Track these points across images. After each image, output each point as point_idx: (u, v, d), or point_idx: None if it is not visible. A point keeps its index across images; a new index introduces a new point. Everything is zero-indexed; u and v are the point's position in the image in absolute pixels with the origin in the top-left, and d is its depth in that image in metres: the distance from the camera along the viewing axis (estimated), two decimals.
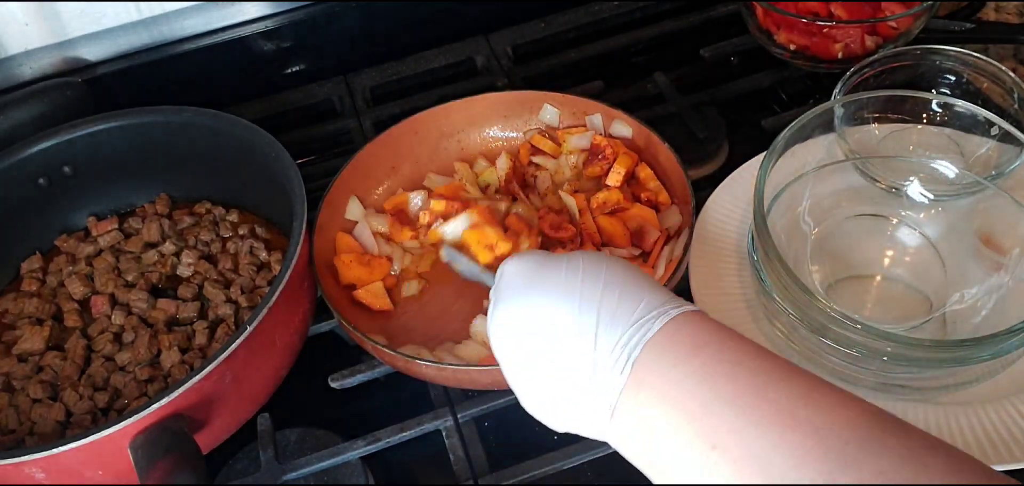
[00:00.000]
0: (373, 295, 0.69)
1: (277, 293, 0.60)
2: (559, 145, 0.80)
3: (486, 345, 0.65)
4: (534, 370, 0.49)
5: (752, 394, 0.41)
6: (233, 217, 0.77)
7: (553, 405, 0.49)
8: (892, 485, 0.36)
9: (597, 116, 0.79)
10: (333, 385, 0.68)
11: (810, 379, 0.42)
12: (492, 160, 0.80)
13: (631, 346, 0.45)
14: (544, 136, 0.80)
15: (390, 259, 0.73)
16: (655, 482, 0.45)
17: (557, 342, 0.47)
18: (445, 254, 0.66)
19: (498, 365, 0.52)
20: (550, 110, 0.81)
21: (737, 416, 0.41)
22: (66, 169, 0.76)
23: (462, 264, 0.64)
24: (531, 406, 0.51)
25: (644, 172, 0.76)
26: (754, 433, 0.40)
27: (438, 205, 0.74)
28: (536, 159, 0.80)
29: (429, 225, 0.74)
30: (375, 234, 0.74)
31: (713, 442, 0.40)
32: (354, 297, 0.70)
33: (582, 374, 0.46)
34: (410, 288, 0.72)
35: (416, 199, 0.77)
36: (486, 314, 0.56)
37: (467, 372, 0.62)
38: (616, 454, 0.63)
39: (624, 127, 0.78)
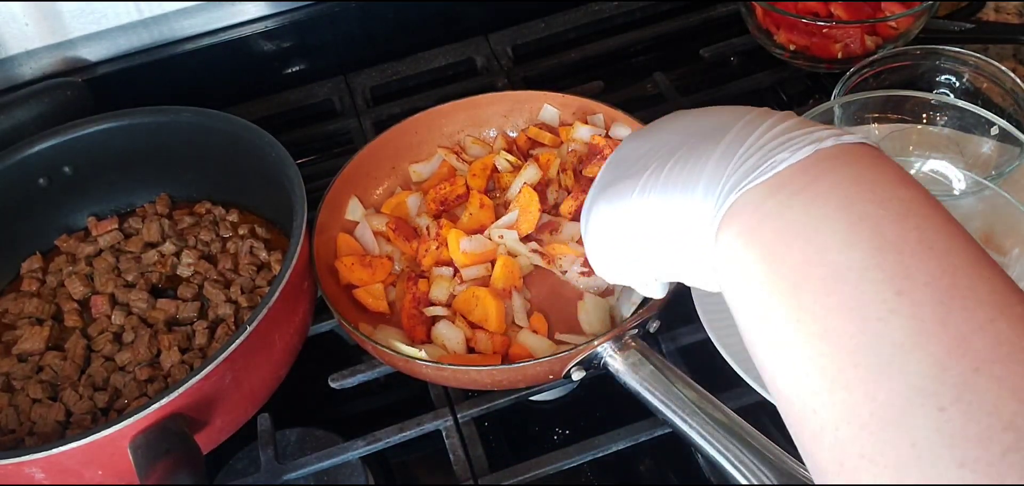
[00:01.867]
0: (372, 296, 0.69)
1: (277, 293, 0.60)
2: (559, 139, 0.79)
3: (444, 346, 0.66)
4: (646, 182, 0.41)
5: (968, 260, 0.32)
6: (233, 217, 0.77)
7: (659, 226, 0.41)
8: None
9: (599, 116, 0.79)
10: (333, 385, 0.68)
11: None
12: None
13: (815, 134, 0.36)
14: (543, 129, 0.80)
15: (391, 258, 0.73)
16: (759, 310, 0.35)
17: (685, 144, 0.40)
18: None
19: (499, 367, 0.50)
20: (550, 110, 0.81)
21: (940, 267, 0.32)
22: (66, 169, 0.76)
23: None
24: (620, 254, 0.44)
25: None
26: (961, 305, 0.31)
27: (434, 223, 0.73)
28: (534, 152, 0.79)
29: (433, 241, 0.72)
30: (376, 234, 0.74)
31: (899, 287, 0.31)
32: (353, 296, 0.70)
33: (718, 152, 0.38)
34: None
35: (413, 201, 0.77)
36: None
37: (467, 372, 0.62)
38: (616, 455, 0.63)
39: (624, 128, 0.78)
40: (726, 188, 0.37)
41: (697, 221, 0.39)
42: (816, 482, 0.34)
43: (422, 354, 0.62)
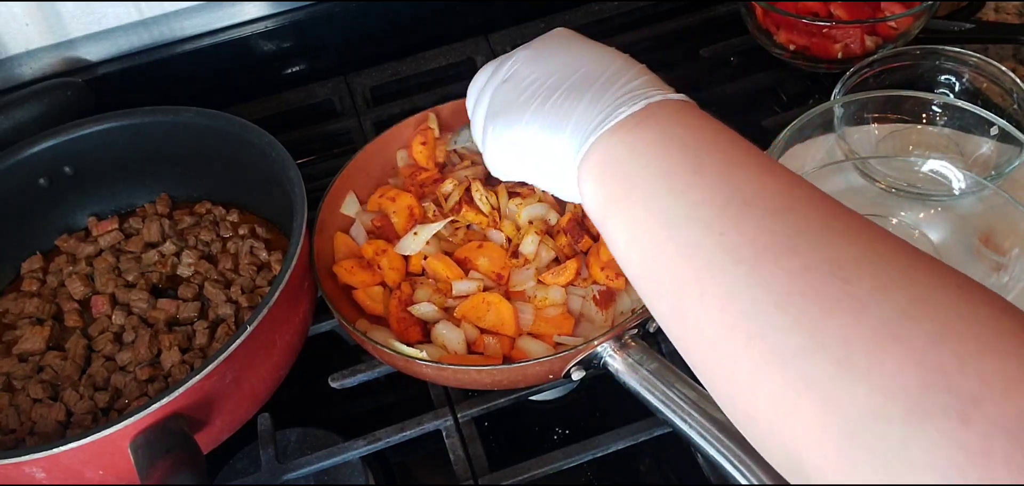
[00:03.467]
0: (371, 299, 0.69)
1: (277, 293, 0.60)
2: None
3: (444, 346, 0.65)
4: (522, 113, 0.54)
5: (745, 152, 0.46)
6: (233, 217, 0.77)
7: (532, 147, 0.53)
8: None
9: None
10: (333, 385, 0.68)
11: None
12: None
13: (648, 91, 0.49)
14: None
15: (379, 266, 0.73)
16: (608, 221, 0.48)
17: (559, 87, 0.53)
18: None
19: (499, 366, 0.52)
20: None
21: (729, 159, 0.45)
22: (67, 169, 0.76)
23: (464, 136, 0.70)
24: (508, 155, 0.56)
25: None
26: (741, 172, 0.44)
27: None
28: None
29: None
30: (369, 232, 0.74)
31: (694, 167, 0.44)
32: (353, 297, 0.70)
33: (590, 90, 0.51)
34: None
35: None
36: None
37: (467, 372, 0.62)
38: (616, 455, 0.63)
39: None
40: (584, 135, 0.50)
41: (565, 157, 0.51)
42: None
43: (422, 354, 0.62)
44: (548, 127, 0.52)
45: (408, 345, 0.64)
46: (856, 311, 0.36)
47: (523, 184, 0.71)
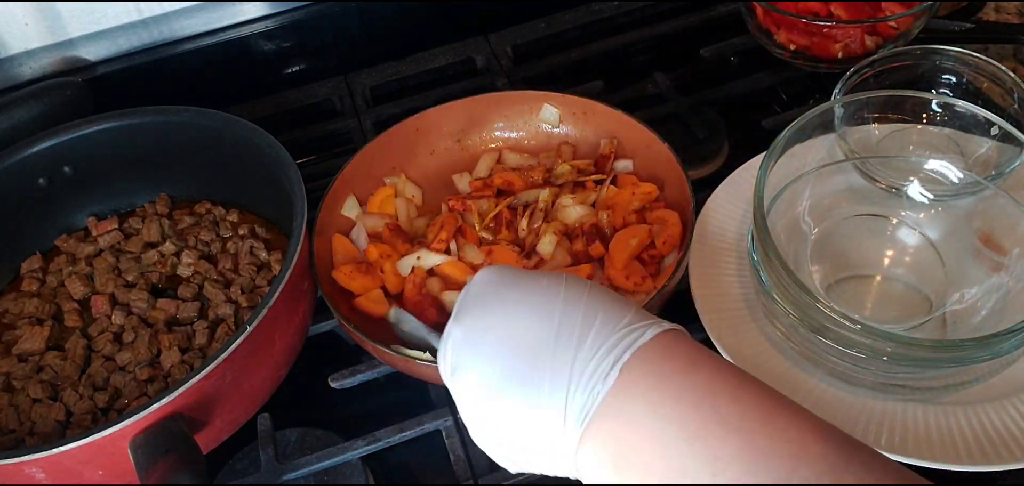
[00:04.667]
0: (373, 302, 0.69)
1: (277, 293, 0.60)
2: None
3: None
4: (499, 388, 0.45)
5: (760, 421, 0.38)
6: (233, 217, 0.77)
7: (517, 429, 0.44)
8: None
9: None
10: (333, 385, 0.68)
11: (812, 417, 0.39)
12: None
13: (619, 350, 0.42)
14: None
15: (381, 269, 0.73)
16: None
17: (531, 354, 0.43)
18: (392, 316, 0.65)
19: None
20: (550, 110, 0.81)
21: (743, 444, 0.38)
22: (66, 169, 0.76)
23: (409, 325, 0.63)
24: (487, 436, 0.47)
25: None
26: (763, 465, 0.37)
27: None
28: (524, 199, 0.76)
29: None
30: (370, 234, 0.74)
31: (714, 469, 0.37)
32: (354, 305, 0.69)
33: (558, 382, 0.42)
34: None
35: (401, 205, 0.77)
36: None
37: None
38: None
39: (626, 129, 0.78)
40: (571, 426, 0.42)
41: (562, 450, 0.43)
42: None
43: (425, 355, 0.62)
44: (525, 431, 0.44)
45: (425, 328, 0.63)
46: None
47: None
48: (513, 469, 0.47)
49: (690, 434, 0.38)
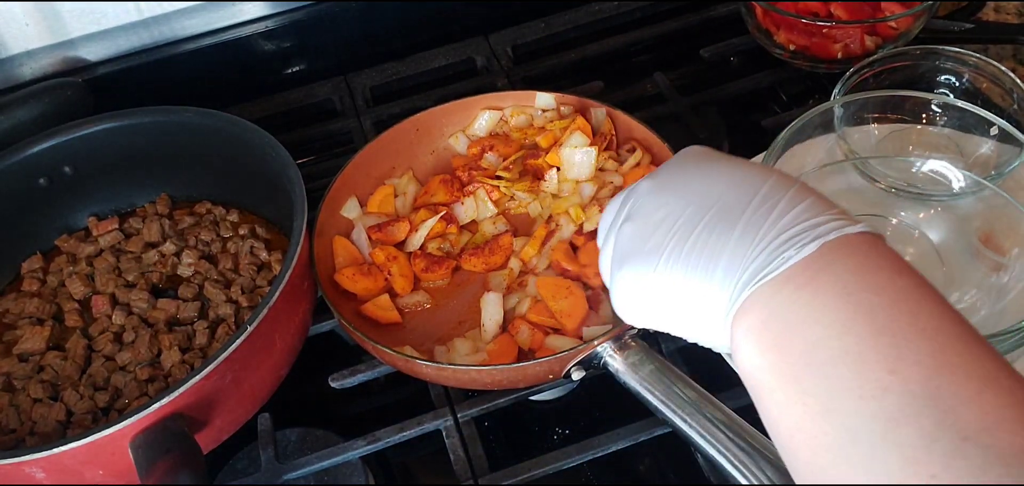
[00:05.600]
0: (381, 308, 0.69)
1: (277, 293, 0.60)
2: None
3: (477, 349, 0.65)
4: (685, 226, 0.44)
5: (956, 338, 0.35)
6: (233, 217, 0.77)
7: (687, 277, 0.43)
8: None
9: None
10: (333, 385, 0.68)
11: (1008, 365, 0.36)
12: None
13: (825, 229, 0.39)
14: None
15: (387, 272, 0.72)
16: (771, 396, 0.38)
17: (728, 208, 0.42)
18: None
19: (499, 366, 0.50)
20: (544, 97, 0.80)
21: (934, 352, 0.34)
22: (66, 169, 0.76)
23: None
24: (644, 284, 0.45)
25: None
26: (947, 378, 0.33)
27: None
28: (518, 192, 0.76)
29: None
30: (370, 232, 0.74)
31: (893, 365, 0.34)
32: (361, 311, 0.69)
33: (747, 236, 0.40)
34: (416, 296, 0.72)
35: (400, 203, 0.77)
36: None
37: (467, 372, 0.62)
38: (616, 454, 0.63)
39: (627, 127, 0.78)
40: (740, 284, 0.40)
41: (714, 308, 0.42)
42: None
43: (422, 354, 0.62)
44: (691, 272, 0.43)
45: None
46: None
47: None
48: (653, 326, 0.47)
49: (878, 327, 0.36)
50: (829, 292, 0.37)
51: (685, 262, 0.43)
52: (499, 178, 0.75)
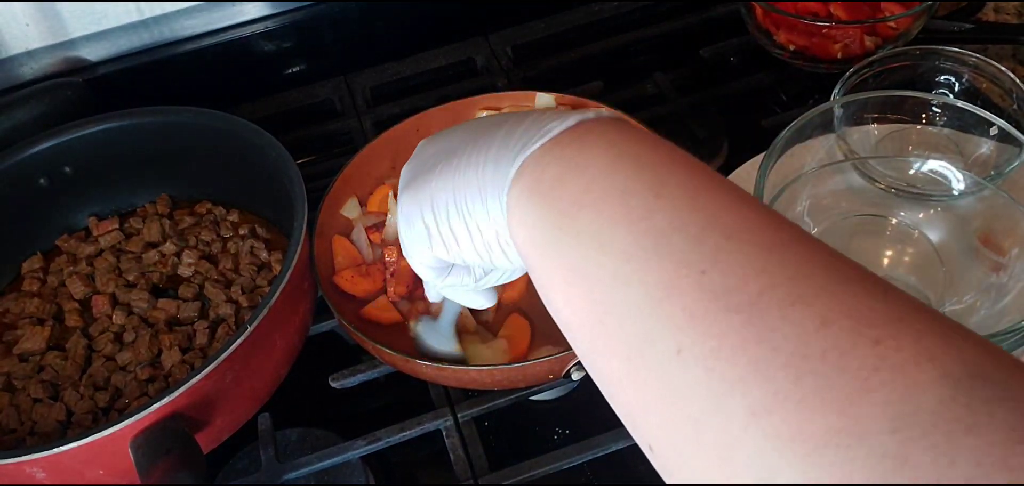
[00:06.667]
0: (382, 310, 0.69)
1: (277, 293, 0.60)
2: None
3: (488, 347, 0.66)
4: (449, 151, 0.48)
5: (711, 175, 0.38)
6: (234, 217, 0.77)
7: (458, 191, 0.46)
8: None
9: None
10: (333, 385, 0.68)
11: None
12: None
13: (580, 114, 0.42)
14: None
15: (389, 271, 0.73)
16: (548, 251, 0.40)
17: (487, 128, 0.46)
18: (417, 328, 0.67)
19: (499, 366, 0.51)
20: (544, 97, 0.80)
21: (688, 174, 0.38)
22: (67, 169, 0.76)
23: (433, 337, 0.66)
24: (423, 222, 0.48)
25: None
26: (710, 198, 0.36)
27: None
28: None
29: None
30: (370, 232, 0.74)
31: (657, 191, 0.37)
32: (362, 314, 0.69)
33: (510, 139, 0.43)
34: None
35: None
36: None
37: (467, 372, 0.62)
38: (616, 455, 0.63)
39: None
40: (509, 159, 0.43)
41: (489, 194, 0.44)
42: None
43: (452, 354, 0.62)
44: (463, 170, 0.45)
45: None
46: None
47: None
48: (440, 256, 0.49)
49: (641, 164, 0.38)
50: (594, 147, 0.40)
51: (456, 165, 0.46)
52: None
